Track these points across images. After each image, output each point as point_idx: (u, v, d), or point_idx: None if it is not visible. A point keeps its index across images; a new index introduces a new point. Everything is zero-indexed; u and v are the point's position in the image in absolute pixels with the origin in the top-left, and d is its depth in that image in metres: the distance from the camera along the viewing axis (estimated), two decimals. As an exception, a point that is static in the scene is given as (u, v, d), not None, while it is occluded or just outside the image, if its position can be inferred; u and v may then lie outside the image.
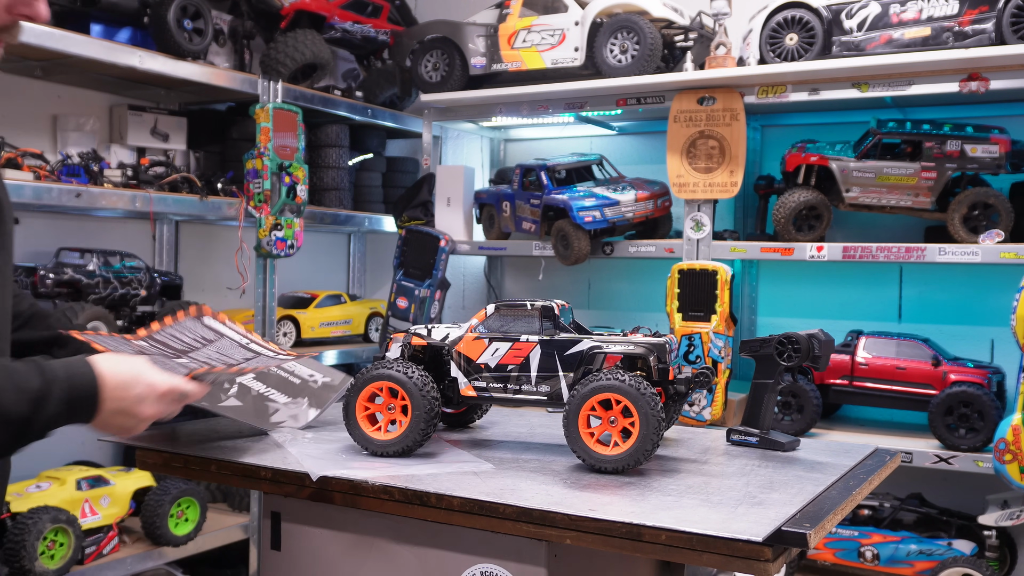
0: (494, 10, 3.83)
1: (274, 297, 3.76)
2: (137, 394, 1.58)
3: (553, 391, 1.77)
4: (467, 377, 1.83)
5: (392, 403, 1.77)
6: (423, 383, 1.76)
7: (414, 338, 1.86)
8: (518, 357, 1.79)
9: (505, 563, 1.53)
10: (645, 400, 1.63)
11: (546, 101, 3.77)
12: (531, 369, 1.78)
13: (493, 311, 1.84)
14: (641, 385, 1.64)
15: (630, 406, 1.64)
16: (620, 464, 1.65)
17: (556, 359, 1.77)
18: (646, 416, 1.63)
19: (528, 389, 1.79)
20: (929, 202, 3.17)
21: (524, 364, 1.78)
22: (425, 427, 1.75)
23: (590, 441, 1.68)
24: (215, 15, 3.58)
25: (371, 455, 1.77)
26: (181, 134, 3.71)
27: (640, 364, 1.75)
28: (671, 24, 3.55)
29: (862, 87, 3.20)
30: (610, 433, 1.67)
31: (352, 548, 1.67)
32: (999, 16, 2.99)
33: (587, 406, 1.68)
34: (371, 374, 1.78)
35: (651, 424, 1.63)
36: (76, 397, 1.53)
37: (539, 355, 1.78)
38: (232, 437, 1.91)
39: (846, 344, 3.33)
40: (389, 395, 1.77)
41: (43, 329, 1.91)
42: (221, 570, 3.85)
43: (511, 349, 1.79)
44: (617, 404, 1.66)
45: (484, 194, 3.97)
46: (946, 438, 3.06)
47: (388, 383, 1.77)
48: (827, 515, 1.45)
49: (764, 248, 3.34)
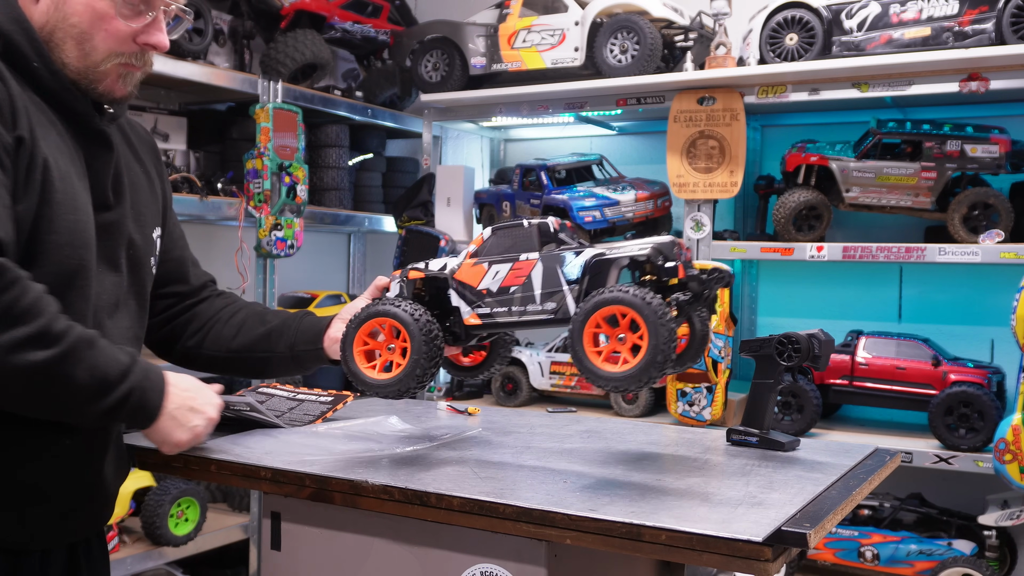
0: (494, 10, 3.83)
1: (274, 297, 3.76)
2: (198, 402, 1.72)
3: (560, 307, 1.65)
4: (470, 306, 1.73)
5: (393, 343, 1.70)
6: (426, 324, 1.67)
7: (412, 272, 1.79)
8: (520, 277, 1.69)
9: (505, 563, 1.53)
10: (651, 309, 1.47)
11: (546, 101, 3.77)
12: (534, 288, 1.68)
13: (490, 234, 1.76)
14: (647, 294, 1.49)
15: (636, 318, 1.49)
16: (630, 382, 1.51)
17: (559, 273, 1.66)
18: (654, 327, 1.47)
19: (533, 308, 1.68)
20: (929, 202, 3.18)
21: (527, 284, 1.69)
22: (423, 372, 1.68)
23: (597, 360, 1.53)
24: (215, 15, 3.58)
25: (368, 395, 1.73)
26: (181, 134, 3.71)
27: (648, 269, 1.63)
28: (671, 24, 3.55)
29: (862, 87, 3.20)
30: (619, 351, 1.54)
31: (352, 548, 1.67)
32: (999, 16, 2.99)
33: (591, 323, 1.54)
34: (372, 310, 1.71)
35: (660, 336, 1.47)
36: (151, 381, 1.63)
37: (541, 272, 1.68)
38: (237, 431, 1.91)
39: (846, 344, 3.33)
40: (391, 335, 1.70)
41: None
42: (221, 570, 3.85)
43: (512, 270, 1.70)
44: (623, 318, 1.51)
45: (484, 194, 3.97)
46: (946, 438, 3.06)
47: (391, 320, 1.69)
48: (827, 515, 1.45)
49: (764, 248, 3.34)
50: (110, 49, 1.66)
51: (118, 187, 1.78)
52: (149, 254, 1.87)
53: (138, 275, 1.83)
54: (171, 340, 2.08)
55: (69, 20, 1.63)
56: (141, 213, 1.85)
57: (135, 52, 1.69)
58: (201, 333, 2.06)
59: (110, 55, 1.67)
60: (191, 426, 1.70)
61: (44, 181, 1.58)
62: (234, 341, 2.04)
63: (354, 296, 4.49)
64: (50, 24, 1.64)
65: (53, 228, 1.59)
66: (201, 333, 2.06)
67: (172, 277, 2.06)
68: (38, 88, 1.63)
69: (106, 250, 1.73)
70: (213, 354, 2.06)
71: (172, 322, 2.07)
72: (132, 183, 1.83)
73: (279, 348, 2.02)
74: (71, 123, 1.68)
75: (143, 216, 1.85)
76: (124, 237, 1.78)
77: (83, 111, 1.69)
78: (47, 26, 1.64)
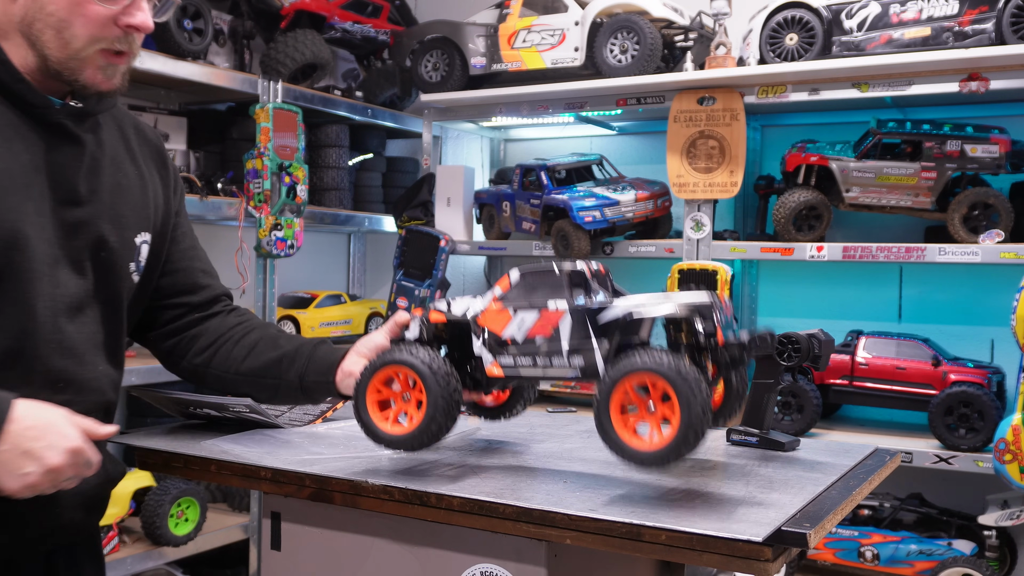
0: (494, 10, 3.83)
1: (274, 297, 3.76)
2: (40, 444, 1.48)
3: (588, 364, 1.54)
4: (493, 354, 1.62)
5: (408, 393, 1.61)
6: (444, 376, 1.57)
7: (432, 314, 1.67)
8: (547, 328, 1.56)
9: (505, 563, 1.53)
10: (687, 385, 1.37)
11: (546, 101, 3.77)
12: (562, 341, 1.55)
13: (518, 277, 1.63)
14: (682, 364, 1.38)
15: (668, 390, 1.39)
16: (658, 462, 1.41)
17: (588, 327, 1.54)
18: (687, 403, 1.37)
19: (559, 363, 1.56)
20: (929, 202, 3.17)
21: (554, 336, 1.56)
22: (438, 429, 1.59)
23: (624, 432, 1.43)
24: (215, 15, 3.58)
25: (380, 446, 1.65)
26: (181, 134, 3.71)
27: (685, 328, 1.51)
28: (671, 24, 3.55)
29: (862, 87, 3.20)
30: (648, 423, 1.44)
31: (352, 548, 1.67)
32: (999, 16, 2.99)
33: (619, 390, 1.43)
34: (387, 357, 1.61)
35: (694, 412, 1.37)
36: None
37: (569, 324, 1.55)
38: (237, 430, 1.91)
39: (846, 344, 3.33)
40: (407, 384, 1.61)
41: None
42: (221, 570, 3.85)
43: (539, 319, 1.57)
44: (655, 387, 1.41)
45: (484, 194, 3.97)
46: (946, 438, 3.06)
47: (407, 370, 1.59)
48: (827, 515, 1.45)
49: (764, 248, 3.34)
50: (91, 35, 1.62)
51: (93, 184, 1.72)
52: (126, 259, 1.79)
53: (108, 279, 1.76)
54: (178, 354, 2.00)
55: (46, 9, 1.60)
56: (122, 215, 1.78)
57: (118, 36, 1.65)
58: (210, 351, 1.98)
59: (92, 41, 1.63)
60: (20, 474, 1.46)
61: None
62: (243, 364, 1.96)
63: (354, 297, 4.50)
64: (28, 16, 1.61)
65: None
66: (210, 351, 1.98)
67: (180, 288, 1.98)
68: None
69: (69, 249, 1.68)
70: (220, 374, 1.98)
71: (180, 335, 2.00)
72: (116, 183, 1.77)
73: (289, 376, 1.93)
74: (29, 116, 1.64)
75: (124, 218, 1.78)
76: (92, 237, 1.71)
77: (38, 103, 1.64)
78: (26, 19, 1.61)
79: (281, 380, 1.94)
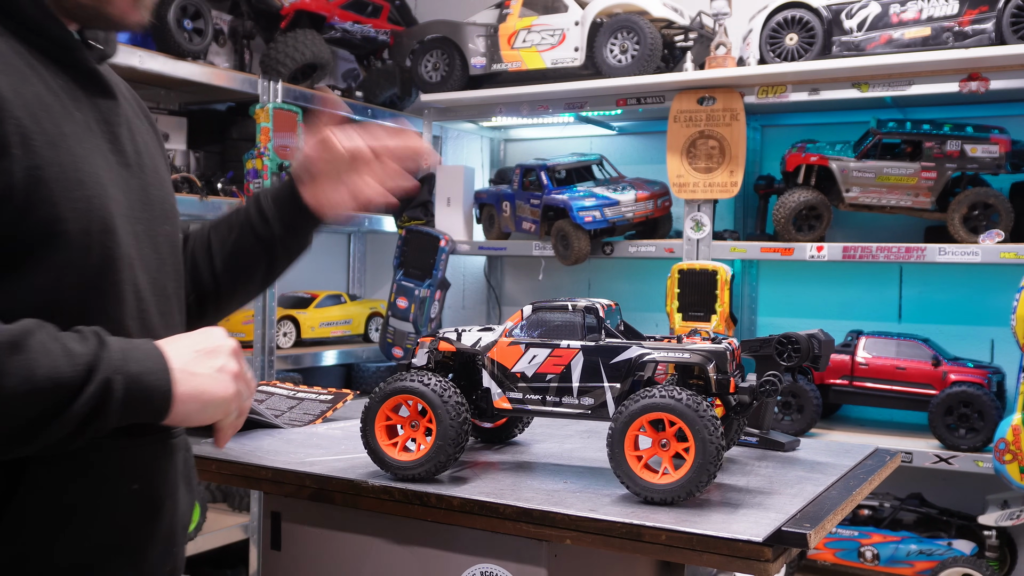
0: (494, 10, 3.83)
1: (274, 297, 3.76)
2: (210, 343, 1.31)
3: (598, 404, 1.57)
4: (501, 387, 1.64)
5: (417, 420, 1.60)
6: (455, 406, 1.57)
7: (442, 343, 1.68)
8: (558, 365, 1.59)
9: (505, 563, 1.53)
10: (704, 423, 1.42)
11: (546, 101, 3.77)
12: (572, 379, 1.58)
13: (530, 313, 1.66)
14: (700, 405, 1.43)
15: (685, 429, 1.44)
16: (670, 495, 1.45)
17: (601, 368, 1.57)
18: (703, 442, 1.42)
19: (569, 402, 1.59)
20: (929, 202, 3.17)
21: (565, 373, 1.59)
22: (447, 459, 1.58)
23: (637, 466, 1.47)
24: (215, 15, 3.58)
25: (391, 477, 1.61)
26: (181, 134, 3.71)
27: (697, 373, 1.55)
28: (671, 24, 3.55)
29: (862, 87, 3.20)
30: (660, 457, 1.48)
31: (352, 548, 1.67)
32: (999, 16, 2.99)
33: (635, 425, 1.47)
34: (398, 385, 1.60)
35: (708, 451, 1.42)
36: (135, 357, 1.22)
37: (581, 363, 1.58)
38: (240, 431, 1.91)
39: (846, 344, 3.33)
40: (416, 412, 1.60)
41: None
42: (221, 570, 3.85)
43: (550, 356, 1.60)
44: (671, 425, 1.45)
45: (484, 194, 3.97)
46: (946, 438, 3.06)
47: (417, 399, 1.58)
48: (827, 515, 1.45)
49: (764, 248, 3.34)
50: None
51: (135, 143, 1.44)
52: (179, 228, 1.56)
53: (176, 254, 1.51)
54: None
55: None
56: (163, 180, 1.51)
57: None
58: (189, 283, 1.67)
59: None
60: (217, 367, 1.29)
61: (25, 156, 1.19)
62: (221, 264, 1.72)
63: (354, 297, 4.50)
64: None
65: (50, 218, 1.21)
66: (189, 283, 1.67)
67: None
68: (7, 23, 1.28)
69: (145, 223, 1.40)
70: (225, 290, 1.75)
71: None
72: (144, 141, 1.49)
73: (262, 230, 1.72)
74: (61, 67, 1.33)
75: (166, 184, 1.52)
76: (157, 207, 1.44)
77: (72, 45, 1.34)
78: None
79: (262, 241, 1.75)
